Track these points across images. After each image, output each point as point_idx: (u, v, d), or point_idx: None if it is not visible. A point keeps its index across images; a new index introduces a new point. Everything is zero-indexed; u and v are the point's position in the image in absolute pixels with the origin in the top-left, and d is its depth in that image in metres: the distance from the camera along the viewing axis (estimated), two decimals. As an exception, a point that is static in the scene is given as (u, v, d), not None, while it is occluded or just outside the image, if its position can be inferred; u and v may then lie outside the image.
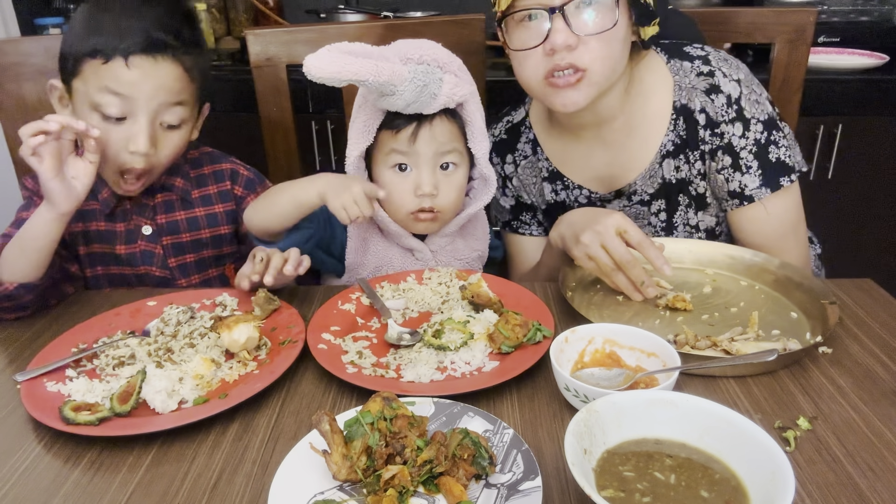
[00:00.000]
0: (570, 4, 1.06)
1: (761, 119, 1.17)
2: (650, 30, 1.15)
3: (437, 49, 1.16)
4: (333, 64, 1.02)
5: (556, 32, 1.07)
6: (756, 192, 1.19)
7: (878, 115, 2.12)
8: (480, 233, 1.36)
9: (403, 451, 0.73)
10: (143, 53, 1.12)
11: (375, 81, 1.05)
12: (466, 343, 0.97)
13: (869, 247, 2.30)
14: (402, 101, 1.10)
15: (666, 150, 1.23)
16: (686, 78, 1.20)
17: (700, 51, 1.21)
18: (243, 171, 1.40)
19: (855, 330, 1.02)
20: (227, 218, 1.37)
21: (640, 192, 1.28)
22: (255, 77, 1.59)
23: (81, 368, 0.97)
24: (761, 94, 1.19)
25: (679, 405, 0.71)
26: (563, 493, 0.73)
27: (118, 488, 0.76)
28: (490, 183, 1.24)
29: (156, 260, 1.32)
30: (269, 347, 1.00)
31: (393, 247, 1.27)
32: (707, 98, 1.18)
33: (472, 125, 1.19)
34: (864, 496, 0.71)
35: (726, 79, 1.17)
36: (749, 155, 1.18)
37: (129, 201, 1.29)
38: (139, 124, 1.15)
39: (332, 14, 2.48)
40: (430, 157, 1.17)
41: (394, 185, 1.19)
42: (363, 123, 1.18)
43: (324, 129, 2.26)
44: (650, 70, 1.22)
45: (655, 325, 1.04)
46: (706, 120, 1.19)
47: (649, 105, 1.22)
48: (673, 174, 1.25)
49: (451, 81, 1.13)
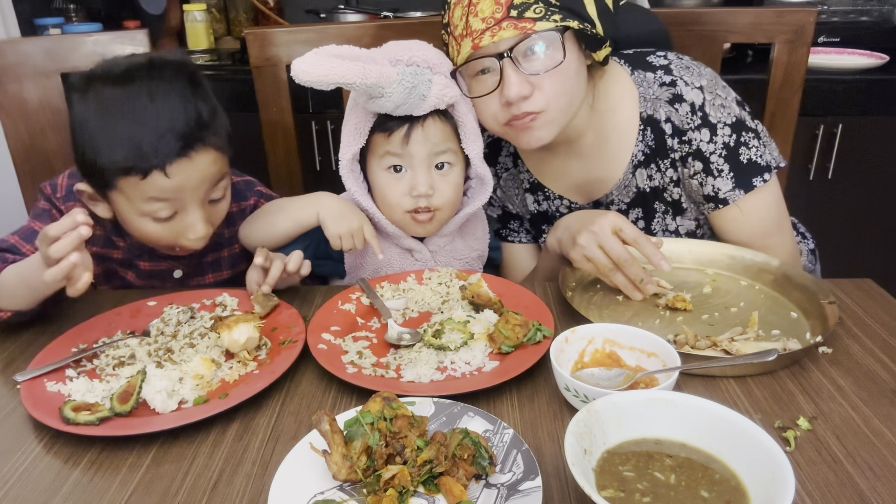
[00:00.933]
0: (518, 48, 1.06)
1: (728, 122, 1.17)
2: (603, 52, 1.15)
3: (427, 50, 1.15)
4: (320, 67, 1.02)
5: (509, 85, 1.07)
6: (730, 195, 1.19)
7: (878, 115, 2.12)
8: (480, 233, 1.36)
9: (403, 451, 0.73)
10: (178, 158, 1.05)
11: (363, 84, 1.04)
12: (466, 343, 0.97)
13: (869, 247, 2.30)
14: (391, 103, 1.10)
15: (637, 161, 1.24)
16: (650, 89, 1.20)
17: (662, 59, 1.21)
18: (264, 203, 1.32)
19: (855, 330, 1.02)
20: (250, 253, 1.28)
21: (617, 201, 1.29)
22: (255, 77, 1.59)
23: (81, 368, 0.97)
24: (727, 97, 1.19)
25: (679, 405, 0.71)
26: (563, 493, 0.73)
27: (118, 488, 0.76)
28: (486, 182, 1.24)
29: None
30: (269, 347, 1.00)
31: (392, 247, 1.27)
32: (671, 108, 1.18)
33: (465, 126, 1.18)
34: (864, 496, 0.71)
35: (688, 87, 1.17)
36: (719, 159, 1.18)
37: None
38: (193, 215, 1.11)
39: (332, 14, 2.48)
40: (425, 158, 1.17)
41: (389, 187, 1.19)
42: (354, 126, 1.18)
43: (324, 129, 2.26)
44: (613, 83, 1.22)
45: (655, 325, 1.04)
46: (672, 129, 1.19)
47: (617, 117, 1.23)
48: (646, 183, 1.26)
49: (441, 82, 1.13)
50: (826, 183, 2.20)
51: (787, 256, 1.24)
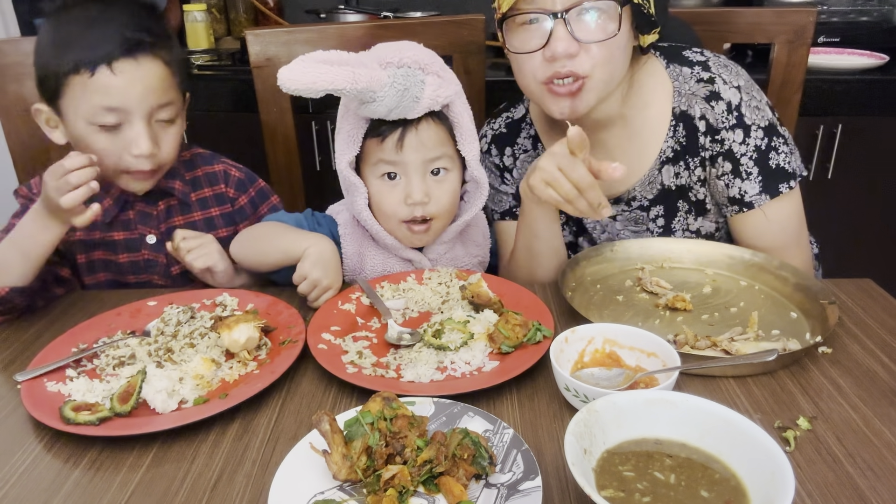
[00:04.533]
0: (573, 10, 1.04)
1: (762, 125, 1.17)
2: (650, 37, 1.14)
3: (418, 50, 1.13)
4: (307, 75, 0.99)
5: (558, 39, 1.05)
6: (756, 199, 1.19)
7: (878, 115, 2.12)
8: (481, 238, 1.34)
9: (403, 451, 0.73)
10: (125, 57, 1.12)
11: (353, 89, 1.02)
12: (466, 343, 0.97)
13: (869, 247, 2.30)
14: (384, 107, 1.08)
15: (665, 157, 1.23)
16: (686, 84, 1.19)
17: (699, 56, 1.21)
18: (234, 172, 1.38)
19: (854, 330, 1.02)
20: (224, 221, 1.36)
21: (640, 197, 1.28)
22: (255, 77, 1.59)
23: (82, 368, 0.97)
24: (761, 99, 1.19)
25: (679, 405, 0.71)
26: (563, 493, 0.73)
27: (118, 488, 0.76)
28: (482, 187, 1.21)
29: (158, 269, 1.31)
30: (269, 347, 1.00)
31: (391, 258, 1.25)
32: (707, 105, 1.17)
33: (461, 126, 1.16)
34: (864, 496, 0.71)
35: (726, 85, 1.17)
36: (749, 161, 1.18)
37: (132, 210, 1.29)
38: (137, 128, 1.15)
39: (332, 14, 2.48)
40: (419, 165, 1.15)
41: (383, 195, 1.17)
42: (347, 134, 1.16)
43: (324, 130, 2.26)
44: (649, 74, 1.21)
45: (655, 325, 1.04)
46: (706, 127, 1.18)
47: (649, 111, 1.22)
48: (672, 180, 1.25)
49: (434, 83, 1.10)
50: (826, 183, 2.20)
51: (802, 264, 1.24)
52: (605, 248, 1.22)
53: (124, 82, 1.12)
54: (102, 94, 1.12)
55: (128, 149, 1.15)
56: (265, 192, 1.41)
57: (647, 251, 1.23)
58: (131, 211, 1.29)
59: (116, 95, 1.12)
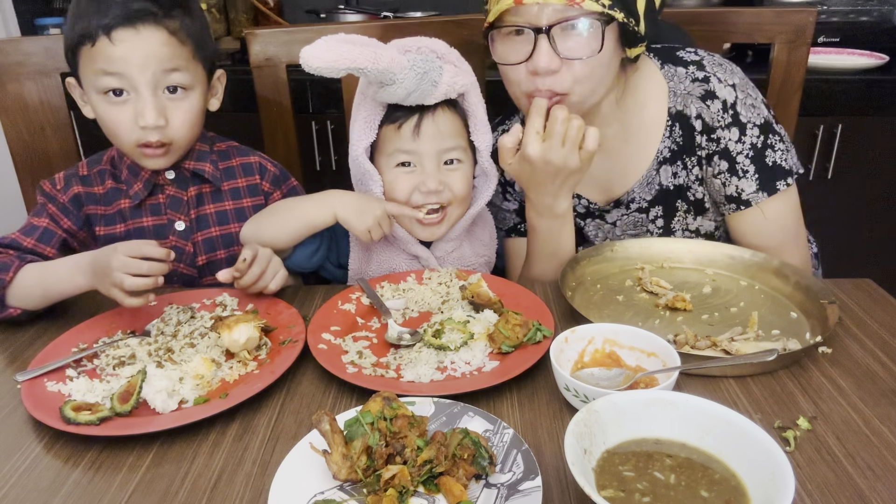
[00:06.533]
0: (557, 27, 1.04)
1: (757, 123, 1.17)
2: (636, 49, 1.14)
3: (435, 41, 1.16)
4: (331, 52, 1.01)
5: (541, 54, 1.06)
6: (753, 197, 1.19)
7: (877, 115, 2.12)
8: (487, 238, 1.34)
9: (403, 450, 0.73)
10: (123, 26, 1.11)
11: (374, 69, 1.04)
12: (466, 343, 0.97)
13: (868, 247, 2.30)
14: (403, 89, 1.09)
15: (663, 157, 1.23)
16: (681, 84, 1.19)
17: (693, 55, 1.21)
18: (270, 166, 1.37)
19: (854, 330, 1.02)
20: (255, 212, 1.32)
21: (639, 199, 1.28)
22: (255, 77, 1.59)
23: (82, 368, 0.97)
24: (757, 97, 1.19)
25: (679, 405, 0.71)
26: (563, 493, 0.73)
27: (118, 488, 0.76)
28: (491, 177, 1.23)
29: (185, 258, 1.29)
30: (269, 347, 1.00)
31: (398, 255, 1.26)
32: (703, 104, 1.18)
33: (475, 116, 1.19)
34: (864, 496, 0.71)
35: (721, 84, 1.17)
36: (746, 159, 1.18)
37: (162, 195, 1.27)
38: (143, 98, 1.14)
39: (332, 14, 2.48)
40: (434, 154, 1.17)
41: (398, 183, 1.19)
42: (364, 120, 1.18)
43: (324, 129, 2.26)
44: (644, 77, 1.21)
45: (655, 325, 1.04)
46: (702, 126, 1.19)
47: (645, 112, 1.22)
48: (670, 180, 1.25)
49: (452, 71, 1.13)
50: (826, 183, 2.20)
51: (800, 262, 1.24)
52: (605, 248, 1.23)
53: (123, 50, 1.12)
54: (102, 61, 1.12)
55: (136, 120, 1.15)
56: (297, 192, 1.40)
57: (647, 251, 1.23)
58: (161, 195, 1.27)
59: (115, 63, 1.12)
